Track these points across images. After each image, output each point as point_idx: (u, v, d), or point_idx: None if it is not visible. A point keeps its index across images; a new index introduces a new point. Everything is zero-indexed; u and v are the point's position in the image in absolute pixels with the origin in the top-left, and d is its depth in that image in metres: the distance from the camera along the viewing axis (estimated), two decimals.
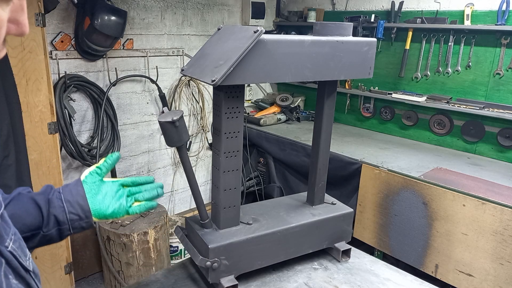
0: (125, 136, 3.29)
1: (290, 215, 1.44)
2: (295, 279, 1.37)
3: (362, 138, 3.39)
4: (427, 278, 1.59)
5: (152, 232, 2.66)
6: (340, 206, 1.54)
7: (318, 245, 1.46)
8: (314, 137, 1.50)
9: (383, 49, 3.43)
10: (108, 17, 2.70)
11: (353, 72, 1.35)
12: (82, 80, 2.88)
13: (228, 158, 1.26)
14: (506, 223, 2.15)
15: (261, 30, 1.08)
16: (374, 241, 2.78)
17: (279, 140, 3.38)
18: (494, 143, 2.92)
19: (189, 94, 3.66)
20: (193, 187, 1.25)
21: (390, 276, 1.42)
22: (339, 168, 2.91)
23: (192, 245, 1.30)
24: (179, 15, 3.42)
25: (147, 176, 1.07)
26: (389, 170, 2.63)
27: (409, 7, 3.26)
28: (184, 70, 1.24)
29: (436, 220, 2.43)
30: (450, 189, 2.35)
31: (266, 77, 1.17)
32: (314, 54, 1.23)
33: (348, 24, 1.32)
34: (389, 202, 2.65)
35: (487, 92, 2.92)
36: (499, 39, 2.79)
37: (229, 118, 1.22)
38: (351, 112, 3.80)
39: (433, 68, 3.16)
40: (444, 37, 3.04)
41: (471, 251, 2.30)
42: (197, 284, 1.34)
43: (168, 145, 1.14)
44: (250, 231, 1.30)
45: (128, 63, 3.18)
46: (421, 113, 3.28)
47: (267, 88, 4.43)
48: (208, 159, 4.00)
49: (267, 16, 4.03)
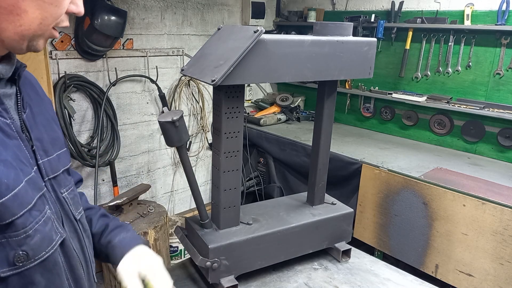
0: (125, 136, 3.29)
1: (290, 215, 1.44)
2: (295, 279, 1.37)
3: (362, 138, 3.39)
4: (427, 278, 1.59)
5: (152, 232, 2.66)
6: (340, 206, 1.54)
7: (318, 245, 1.46)
8: (314, 137, 1.50)
9: (383, 49, 3.43)
10: (108, 17, 2.70)
11: (353, 72, 1.35)
12: (82, 80, 2.88)
13: (228, 158, 1.26)
14: (506, 223, 2.15)
15: (261, 30, 1.08)
16: (374, 241, 2.78)
17: (279, 140, 3.38)
18: (494, 143, 2.92)
19: (189, 94, 3.66)
20: (193, 187, 1.25)
21: (390, 276, 1.42)
22: (339, 168, 2.91)
23: (192, 245, 1.30)
24: (179, 15, 3.42)
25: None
26: (389, 170, 2.63)
27: (409, 7, 3.26)
28: (184, 70, 1.24)
29: (436, 220, 2.43)
30: (450, 189, 2.35)
31: (266, 77, 1.17)
32: (314, 54, 1.23)
33: (348, 24, 1.32)
34: (389, 202, 2.65)
35: (487, 92, 2.92)
36: (499, 39, 2.79)
37: (229, 118, 1.22)
38: (351, 112, 3.80)
39: (433, 68, 3.16)
40: (444, 37, 3.04)
41: (471, 251, 2.30)
42: (197, 284, 1.34)
43: (168, 145, 1.14)
44: (250, 231, 1.30)
45: (128, 63, 3.18)
46: (421, 113, 3.28)
47: (267, 88, 4.43)
48: (208, 159, 4.00)
49: (267, 16, 4.03)
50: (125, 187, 3.37)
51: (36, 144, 0.80)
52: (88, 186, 3.10)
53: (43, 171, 0.80)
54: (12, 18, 0.66)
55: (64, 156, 0.91)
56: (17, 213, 0.70)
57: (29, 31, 0.69)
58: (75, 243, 0.87)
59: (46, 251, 0.77)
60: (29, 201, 0.73)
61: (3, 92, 0.76)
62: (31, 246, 0.73)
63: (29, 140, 0.78)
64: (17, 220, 0.70)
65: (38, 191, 0.76)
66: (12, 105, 0.78)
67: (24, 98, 0.81)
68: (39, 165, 0.80)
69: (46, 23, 0.70)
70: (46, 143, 0.84)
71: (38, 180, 0.77)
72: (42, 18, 0.69)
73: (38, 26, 0.69)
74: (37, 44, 0.73)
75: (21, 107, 0.79)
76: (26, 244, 0.73)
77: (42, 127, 0.85)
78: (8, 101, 0.77)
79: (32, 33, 0.70)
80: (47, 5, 0.69)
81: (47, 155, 0.83)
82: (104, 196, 3.27)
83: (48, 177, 0.82)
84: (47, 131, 0.86)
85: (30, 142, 0.79)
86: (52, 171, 0.84)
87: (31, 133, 0.79)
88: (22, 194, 0.71)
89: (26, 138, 0.78)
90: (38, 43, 0.73)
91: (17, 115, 0.78)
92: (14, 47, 0.71)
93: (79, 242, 0.90)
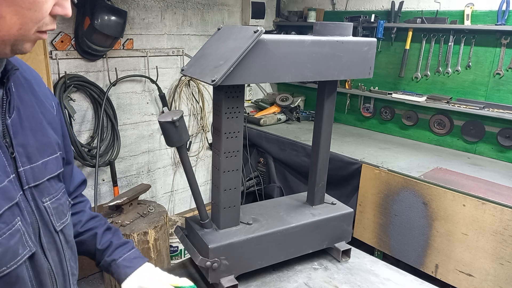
0: (125, 136, 3.29)
1: (290, 215, 1.44)
2: (295, 279, 1.37)
3: (362, 138, 3.39)
4: (427, 278, 1.59)
5: (152, 232, 2.66)
6: (340, 206, 1.54)
7: (318, 245, 1.46)
8: (314, 137, 1.50)
9: (383, 49, 3.43)
10: (108, 17, 2.70)
11: (353, 72, 1.35)
12: (82, 80, 2.88)
13: (228, 158, 1.26)
14: (506, 223, 2.15)
15: (261, 30, 1.08)
16: (374, 241, 2.78)
17: (279, 140, 3.38)
18: (494, 143, 2.92)
19: (189, 94, 3.66)
20: (193, 187, 1.25)
21: (390, 276, 1.42)
22: (339, 168, 2.91)
23: (192, 245, 1.30)
24: (179, 15, 3.42)
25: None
26: (389, 170, 2.63)
27: (409, 7, 3.26)
28: (184, 70, 1.24)
29: (436, 220, 2.43)
30: (450, 189, 2.35)
31: (266, 77, 1.17)
32: (314, 54, 1.23)
33: (348, 24, 1.32)
34: (389, 202, 2.65)
35: (487, 92, 2.92)
36: (499, 39, 2.79)
37: (229, 118, 1.22)
38: (351, 112, 3.80)
39: (433, 68, 3.16)
40: (444, 37, 3.04)
41: (471, 251, 2.30)
42: (197, 284, 1.33)
43: (168, 145, 1.14)
44: (250, 231, 1.30)
45: (128, 63, 3.18)
46: (421, 113, 3.28)
47: (267, 88, 4.43)
48: (208, 159, 4.00)
49: (267, 16, 4.03)
50: (125, 187, 3.37)
51: (18, 150, 0.78)
52: (88, 186, 3.10)
53: (23, 179, 0.78)
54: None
55: (53, 162, 0.87)
56: None
57: (9, 36, 0.67)
58: (52, 255, 0.85)
59: (8, 266, 0.73)
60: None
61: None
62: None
63: (8, 147, 0.76)
64: None
65: (7, 202, 0.73)
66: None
67: (12, 101, 0.78)
68: (19, 173, 0.77)
69: (26, 28, 0.68)
70: (31, 149, 0.81)
71: (11, 190, 0.74)
72: (21, 24, 0.66)
73: (18, 32, 0.67)
74: (22, 47, 0.71)
75: (6, 111, 0.76)
76: None
77: (30, 131, 0.82)
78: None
79: (13, 38, 0.68)
80: (25, 11, 0.66)
81: (30, 162, 0.80)
82: (104, 196, 3.27)
83: (28, 185, 0.79)
84: (36, 136, 0.83)
85: (10, 149, 0.76)
86: (34, 179, 0.81)
87: (13, 139, 0.77)
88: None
89: (6, 144, 0.75)
90: (23, 46, 0.71)
91: (0, 119, 0.76)
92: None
93: (58, 255, 0.87)
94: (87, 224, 1.11)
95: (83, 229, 1.10)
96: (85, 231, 1.10)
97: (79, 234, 1.08)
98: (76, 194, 1.11)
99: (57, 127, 0.93)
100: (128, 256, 1.10)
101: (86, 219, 1.11)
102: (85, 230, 1.10)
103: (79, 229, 1.09)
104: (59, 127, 0.95)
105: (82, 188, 1.14)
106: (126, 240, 1.14)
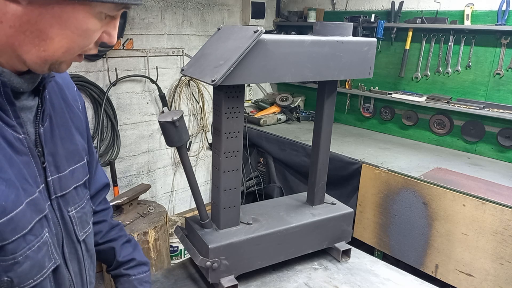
0: (125, 136, 3.29)
1: (290, 215, 1.44)
2: (295, 279, 1.37)
3: (362, 138, 3.39)
4: (427, 278, 1.59)
5: (152, 232, 2.66)
6: (340, 206, 1.54)
7: (318, 245, 1.46)
8: (314, 137, 1.50)
9: (383, 49, 3.43)
10: None
11: (353, 72, 1.35)
12: (82, 80, 2.88)
13: (228, 158, 1.26)
14: (506, 223, 2.15)
15: (261, 30, 1.08)
16: (374, 241, 2.78)
17: (279, 140, 3.38)
18: (494, 143, 2.92)
19: (189, 94, 3.66)
20: (193, 187, 1.25)
21: (390, 276, 1.42)
22: (339, 168, 2.91)
23: (192, 245, 1.30)
24: (179, 15, 3.42)
25: None
26: (389, 170, 2.63)
27: (409, 7, 3.26)
28: (184, 70, 1.24)
29: (436, 220, 2.43)
30: (450, 189, 2.35)
31: (266, 77, 1.17)
32: (314, 54, 1.23)
33: (348, 24, 1.32)
34: (389, 202, 2.65)
35: (487, 92, 2.92)
36: (499, 39, 2.79)
37: (229, 118, 1.22)
38: (351, 112, 3.80)
39: (433, 68, 3.16)
40: (444, 37, 3.04)
41: (471, 251, 2.30)
42: (197, 284, 1.34)
43: (168, 145, 1.14)
44: (250, 231, 1.30)
45: (128, 63, 3.18)
46: (421, 113, 3.28)
47: (267, 88, 4.43)
48: (208, 159, 4.00)
49: (267, 16, 4.03)
50: (125, 187, 3.37)
51: (48, 160, 0.77)
52: None
53: (51, 189, 0.77)
54: (38, 42, 0.64)
55: (79, 170, 0.87)
56: (9, 238, 0.66)
57: (53, 57, 0.67)
58: (73, 265, 0.84)
59: (34, 279, 0.72)
60: (24, 226, 0.69)
61: (22, 105, 0.73)
62: (18, 274, 0.69)
63: (40, 156, 0.75)
64: (8, 245, 0.66)
65: (38, 214, 0.72)
66: (31, 118, 0.74)
67: (46, 110, 0.77)
68: (48, 182, 0.77)
69: (71, 52, 0.68)
70: (60, 157, 0.80)
71: (41, 202, 0.74)
72: (68, 48, 0.67)
73: (62, 54, 0.67)
74: (59, 67, 0.71)
75: (40, 120, 0.75)
76: (13, 271, 0.68)
77: (60, 140, 0.81)
78: (27, 114, 0.74)
79: (56, 59, 0.68)
80: (76, 36, 0.66)
81: (58, 171, 0.80)
82: None
83: (55, 195, 0.79)
84: (64, 144, 0.82)
85: (42, 158, 0.76)
86: (61, 189, 0.80)
87: (44, 148, 0.76)
88: (18, 218, 0.67)
89: (38, 154, 0.75)
90: (60, 66, 0.71)
91: (34, 128, 0.75)
92: (36, 69, 0.69)
93: (78, 265, 0.86)
94: (108, 235, 1.10)
95: (103, 240, 1.10)
96: (105, 242, 1.10)
97: (98, 244, 1.08)
98: (99, 199, 1.10)
99: (83, 130, 0.92)
100: (141, 278, 1.11)
101: (107, 230, 1.11)
102: (105, 241, 1.10)
103: (99, 239, 1.08)
104: (85, 127, 0.94)
105: (105, 192, 1.12)
106: (145, 260, 1.15)
